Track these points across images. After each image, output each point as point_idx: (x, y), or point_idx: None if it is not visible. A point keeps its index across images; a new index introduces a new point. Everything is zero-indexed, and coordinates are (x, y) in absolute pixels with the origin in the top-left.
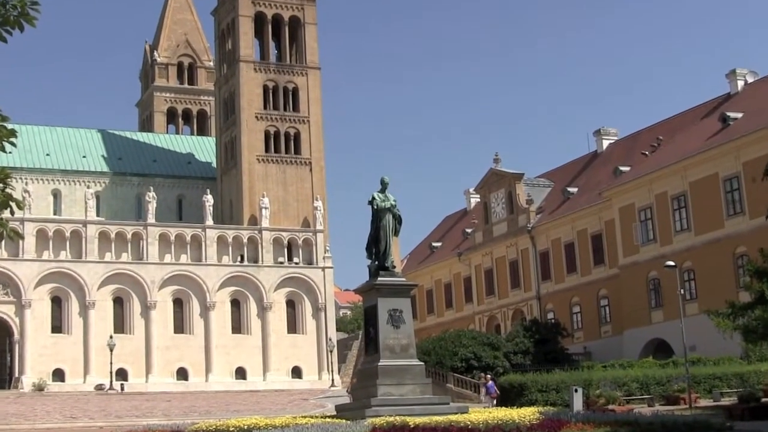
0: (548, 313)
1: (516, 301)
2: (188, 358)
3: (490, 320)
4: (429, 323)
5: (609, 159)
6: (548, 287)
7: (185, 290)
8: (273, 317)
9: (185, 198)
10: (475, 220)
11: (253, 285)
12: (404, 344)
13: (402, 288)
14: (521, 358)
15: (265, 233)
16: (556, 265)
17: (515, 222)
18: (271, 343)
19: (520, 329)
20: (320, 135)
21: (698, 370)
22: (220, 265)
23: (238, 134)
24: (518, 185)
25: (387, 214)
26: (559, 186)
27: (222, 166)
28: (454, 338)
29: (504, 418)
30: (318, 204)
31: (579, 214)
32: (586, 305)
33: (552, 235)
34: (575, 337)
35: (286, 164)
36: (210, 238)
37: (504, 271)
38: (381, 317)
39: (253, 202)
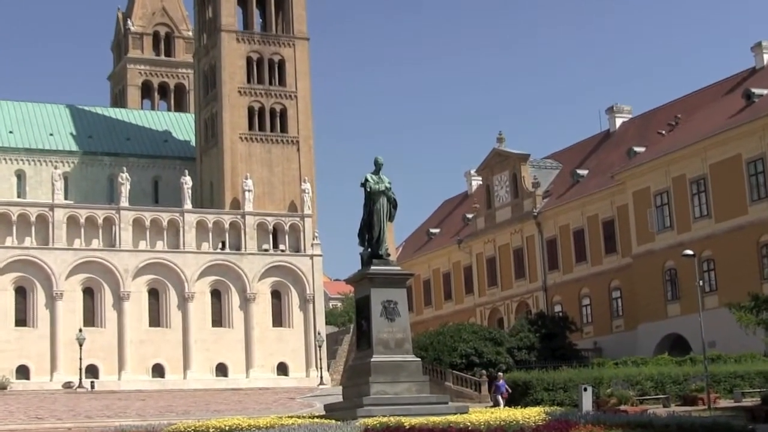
0: (555, 306)
1: (520, 293)
2: (165, 354)
3: (493, 313)
4: (426, 316)
5: (622, 139)
6: (555, 278)
7: (161, 280)
8: (257, 309)
9: (161, 180)
10: (477, 205)
11: (236, 274)
12: (399, 339)
13: (397, 278)
14: (526, 354)
15: (248, 218)
16: (564, 254)
17: (520, 207)
18: (255, 338)
19: (525, 323)
20: (309, 112)
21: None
22: (200, 253)
23: (219, 110)
24: (523, 167)
25: (381, 197)
26: (567, 168)
27: (202, 145)
28: (454, 333)
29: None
30: (306, 186)
31: (589, 198)
32: (596, 297)
33: (560, 221)
34: (585, 331)
35: (271, 143)
36: (188, 223)
37: (508, 259)
38: (374, 309)
39: (236, 185)
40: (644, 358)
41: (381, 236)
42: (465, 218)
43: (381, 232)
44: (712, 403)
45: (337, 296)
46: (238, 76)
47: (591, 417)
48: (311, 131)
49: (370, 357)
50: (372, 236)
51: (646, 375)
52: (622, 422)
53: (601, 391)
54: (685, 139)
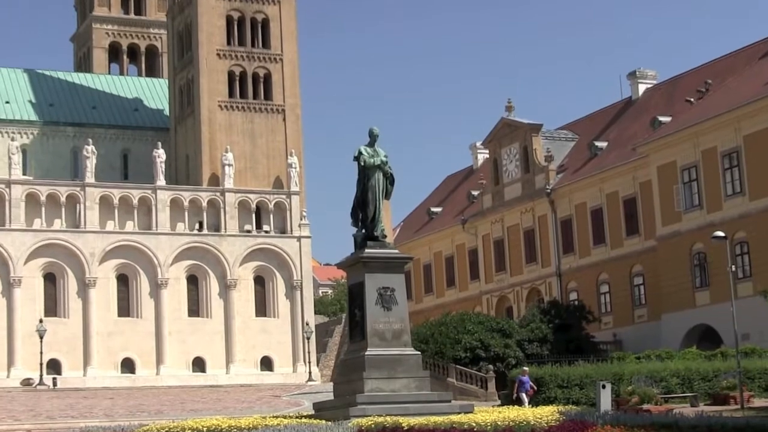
0: (570, 294)
1: (531, 279)
2: (135, 347)
3: (501, 301)
4: (427, 305)
5: (646, 107)
6: (571, 262)
7: (131, 265)
8: (238, 297)
9: (131, 153)
10: (483, 181)
11: (214, 258)
12: (397, 330)
13: (394, 262)
14: (538, 347)
15: (228, 195)
16: (580, 236)
17: (531, 183)
18: (236, 329)
19: (537, 312)
20: (296, 77)
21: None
22: (174, 234)
23: (196, 75)
24: (535, 138)
25: (376, 172)
26: (584, 140)
27: (176, 115)
28: (457, 323)
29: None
30: (293, 160)
31: (609, 173)
32: (616, 284)
33: (576, 199)
34: (603, 322)
35: (254, 112)
36: (162, 201)
37: (517, 242)
38: (369, 297)
39: (214, 158)
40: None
41: (376, 216)
42: (470, 196)
43: (376, 211)
44: (745, 402)
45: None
46: (217, 37)
47: (610, 417)
48: (299, 99)
49: (364, 350)
50: (366, 216)
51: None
52: (644, 423)
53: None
54: (716, 108)
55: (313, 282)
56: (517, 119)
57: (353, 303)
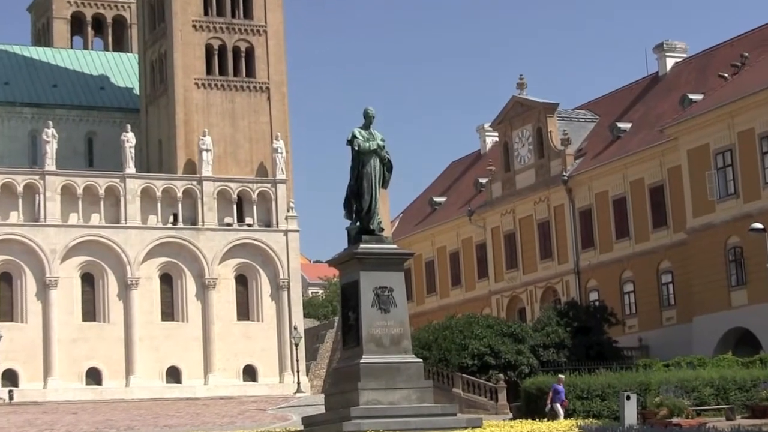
0: (591, 294)
1: (547, 277)
2: (102, 355)
3: (512, 302)
4: (429, 306)
5: (675, 84)
6: (590, 258)
7: (97, 262)
8: (218, 299)
9: (97, 137)
10: (492, 167)
11: (191, 255)
12: (395, 335)
13: (392, 258)
14: (554, 353)
15: (206, 184)
16: (601, 228)
17: (546, 169)
18: (215, 334)
19: (553, 315)
20: (281, 51)
21: None
22: (146, 228)
23: (169, 50)
24: (551, 120)
25: (372, 158)
26: (606, 121)
27: (147, 94)
28: (464, 327)
29: None
30: (278, 144)
31: (633, 158)
32: (642, 283)
33: (596, 187)
34: (627, 325)
35: (234, 90)
36: (131, 191)
37: (531, 236)
38: (364, 298)
39: (190, 142)
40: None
41: (372, 207)
42: (477, 184)
43: (372, 201)
44: None
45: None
46: (193, 6)
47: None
48: (285, 76)
49: (359, 358)
50: (361, 207)
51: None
52: None
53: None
54: (753, 84)
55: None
56: (530, 98)
57: (347, 305)
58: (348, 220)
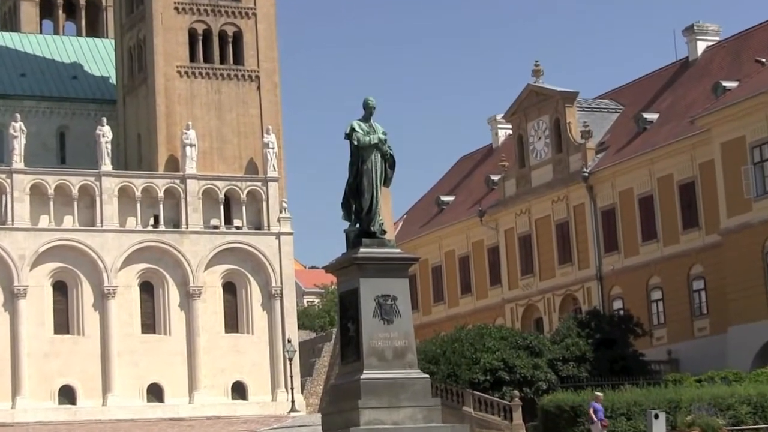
0: (614, 302)
1: (566, 284)
2: (76, 372)
3: (528, 312)
4: (436, 316)
5: (706, 70)
6: (614, 262)
7: (71, 269)
8: (203, 309)
9: (69, 131)
10: (505, 163)
11: (174, 261)
12: (399, 347)
13: (396, 263)
14: (574, 368)
15: (190, 183)
16: (626, 230)
17: (565, 165)
18: (201, 348)
19: (573, 325)
20: (273, 36)
21: None
22: (124, 231)
23: (149, 34)
24: (569, 110)
25: (373, 153)
26: (630, 111)
27: (125, 83)
28: (475, 339)
29: None
30: (270, 139)
31: (661, 152)
32: (671, 289)
33: (620, 185)
34: (655, 336)
35: (221, 80)
36: (108, 190)
37: (548, 238)
38: (365, 307)
39: (173, 137)
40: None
41: (373, 207)
42: (489, 181)
43: (373, 200)
44: None
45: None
46: None
47: None
48: (276, 63)
49: (359, 373)
50: (361, 207)
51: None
52: None
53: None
54: None
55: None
56: (547, 86)
57: (345, 315)
58: (346, 222)
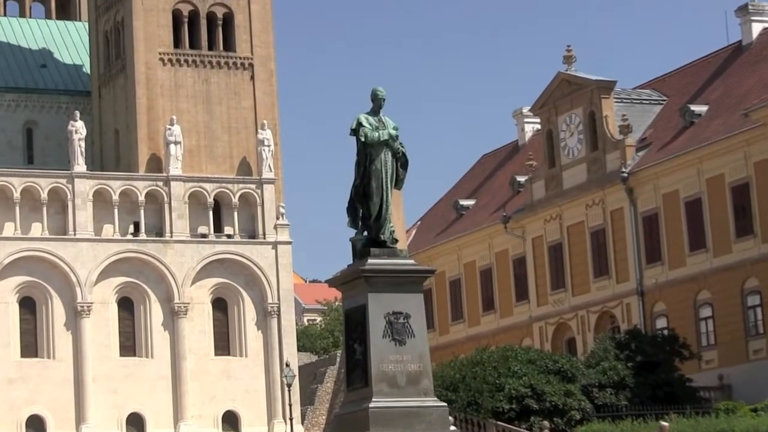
0: (658, 320)
1: (602, 299)
2: (46, 400)
3: (559, 331)
4: (455, 336)
5: (763, 56)
6: (657, 275)
7: (40, 284)
8: (190, 328)
9: (38, 126)
10: (533, 162)
11: (156, 274)
12: (413, 372)
13: (408, 277)
14: (612, 395)
15: (175, 185)
16: (671, 238)
17: (601, 164)
18: (188, 373)
19: (610, 347)
20: (269, 17)
21: None
22: (100, 241)
23: (128, 17)
24: (606, 102)
25: (383, 151)
26: (675, 103)
27: (100, 73)
28: (498, 362)
29: None
30: (265, 135)
31: (710, 149)
32: (722, 306)
33: (664, 187)
34: (704, 359)
35: (210, 68)
36: (81, 194)
37: (582, 247)
38: (373, 326)
39: (155, 133)
40: None
41: (383, 212)
42: (514, 183)
43: (383, 205)
44: None
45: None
46: None
47: None
48: (272, 49)
49: (367, 401)
50: (369, 212)
51: None
52: None
53: None
54: None
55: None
56: (580, 74)
57: (352, 335)
58: (352, 230)
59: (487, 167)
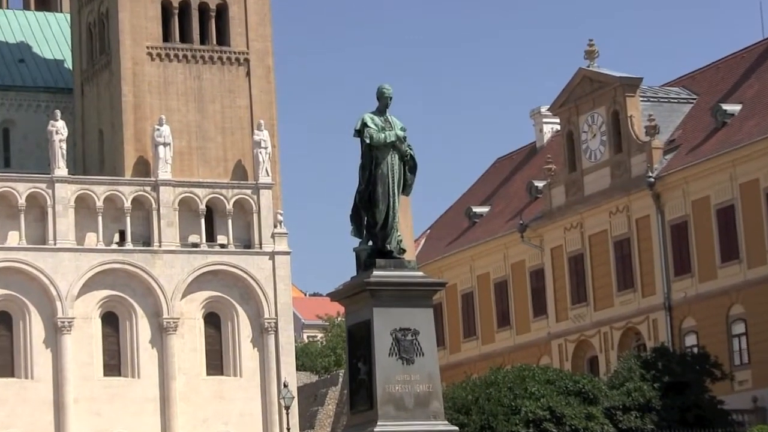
0: (687, 337)
1: (627, 315)
2: (24, 422)
3: (580, 349)
4: (467, 354)
5: None
6: (686, 288)
7: (17, 298)
8: (180, 346)
9: (15, 126)
10: (552, 166)
11: (144, 286)
12: (422, 393)
13: (417, 290)
14: (637, 418)
15: (164, 191)
16: (701, 248)
17: (625, 168)
18: (178, 394)
19: (636, 366)
20: (266, 9)
21: None
22: (82, 251)
23: (113, 8)
24: (631, 100)
25: (390, 154)
26: (706, 101)
27: (83, 68)
28: (514, 382)
29: None
30: (262, 136)
31: (744, 152)
32: (757, 322)
33: (694, 193)
34: (738, 380)
35: (202, 63)
36: (62, 200)
37: (605, 258)
38: (379, 344)
39: (142, 134)
40: None
41: (390, 220)
42: (531, 188)
43: (390, 212)
44: None
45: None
46: None
47: None
48: (270, 43)
49: (372, 425)
50: (375, 220)
51: None
52: None
53: None
54: None
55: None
56: (604, 70)
57: (355, 353)
58: (356, 239)
59: (502, 171)
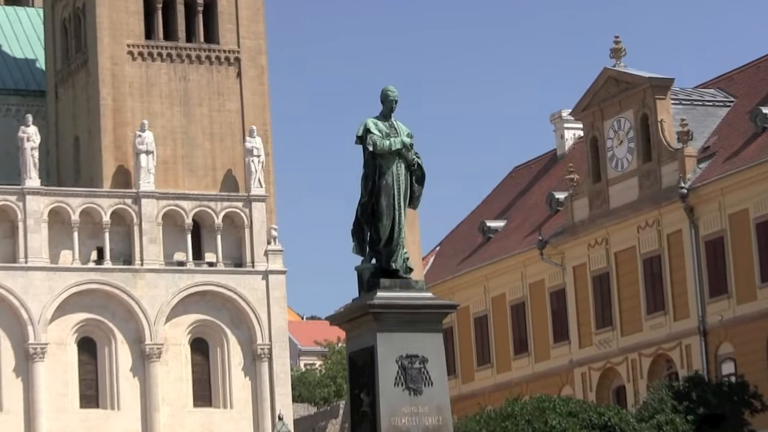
0: (724, 364)
1: (657, 340)
2: None
3: (605, 378)
4: (481, 384)
5: None
6: (723, 310)
7: None
8: (165, 374)
9: None
10: (574, 176)
11: (124, 309)
12: (431, 427)
13: (426, 313)
14: None
15: (146, 203)
16: (738, 267)
17: (656, 177)
18: (161, 427)
19: (667, 396)
20: (258, 4)
21: None
22: (56, 270)
23: (90, 2)
24: (662, 103)
25: (395, 162)
26: (744, 105)
27: (57, 68)
28: (533, 415)
29: None
30: (254, 144)
31: None
32: None
33: (731, 205)
34: None
35: (188, 63)
36: (34, 213)
37: (632, 277)
38: (383, 372)
39: (123, 141)
40: None
41: (395, 236)
42: (552, 201)
43: (395, 227)
44: None
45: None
46: None
47: None
48: (263, 41)
49: None
50: (378, 236)
51: None
52: None
53: None
54: None
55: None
56: (631, 71)
57: (357, 382)
58: (359, 256)
59: (519, 182)
